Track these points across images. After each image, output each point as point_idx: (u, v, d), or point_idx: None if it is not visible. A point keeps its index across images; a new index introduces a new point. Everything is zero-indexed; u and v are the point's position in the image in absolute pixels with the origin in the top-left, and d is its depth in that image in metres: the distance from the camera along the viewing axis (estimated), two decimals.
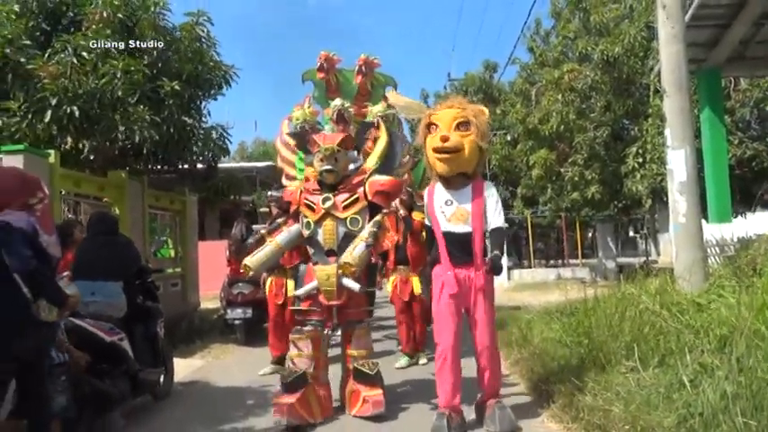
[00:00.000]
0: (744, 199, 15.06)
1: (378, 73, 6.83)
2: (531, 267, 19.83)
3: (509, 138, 18.48)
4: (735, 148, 12.78)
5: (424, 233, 4.69)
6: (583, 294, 7.19)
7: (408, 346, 6.33)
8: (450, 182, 4.04)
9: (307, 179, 5.02)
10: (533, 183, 15.65)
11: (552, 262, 22.80)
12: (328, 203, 4.49)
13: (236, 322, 7.56)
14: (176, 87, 7.30)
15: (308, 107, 5.85)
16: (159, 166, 8.69)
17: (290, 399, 4.16)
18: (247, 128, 67.77)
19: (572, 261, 21.77)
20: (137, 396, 4.37)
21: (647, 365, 3.93)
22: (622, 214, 15.84)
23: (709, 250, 8.50)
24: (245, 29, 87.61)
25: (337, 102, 5.90)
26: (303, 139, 5.09)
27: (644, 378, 3.72)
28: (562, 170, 14.11)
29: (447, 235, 3.95)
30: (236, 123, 23.53)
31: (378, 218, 4.49)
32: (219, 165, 9.81)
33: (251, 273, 4.63)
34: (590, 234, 25.14)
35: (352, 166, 4.87)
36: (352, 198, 4.53)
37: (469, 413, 4.08)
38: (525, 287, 15.39)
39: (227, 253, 8.12)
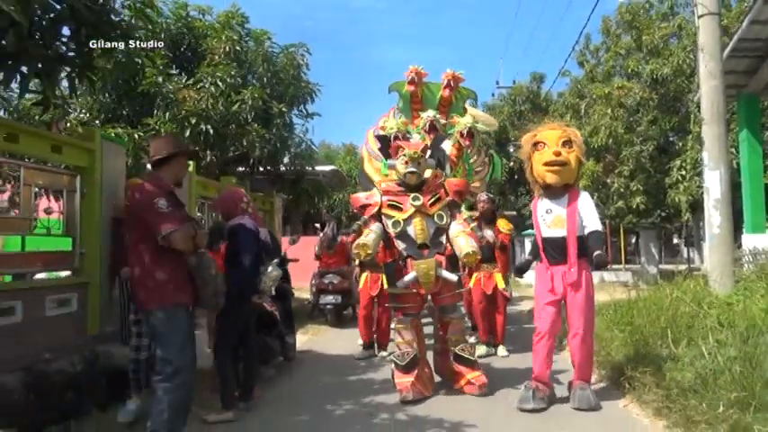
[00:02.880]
0: None
1: (461, 87, 7.18)
2: None
3: None
4: None
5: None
6: (626, 296, 8.33)
7: (486, 336, 6.74)
8: (554, 192, 4.68)
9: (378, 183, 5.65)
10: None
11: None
12: (418, 202, 4.98)
13: (328, 307, 8.96)
14: (283, 109, 8.74)
15: (400, 117, 6.73)
16: (259, 171, 10.15)
17: (409, 378, 4.85)
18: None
19: (615, 266, 22.53)
20: (281, 354, 5.76)
21: (677, 345, 5.07)
22: (665, 223, 16.64)
23: (744, 258, 9.52)
24: (294, 30, 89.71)
25: (430, 113, 6.40)
26: (388, 145, 5.66)
27: (674, 353, 4.86)
28: (608, 180, 15.05)
29: (546, 240, 4.64)
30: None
31: (470, 213, 5.29)
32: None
33: (369, 251, 4.87)
34: (633, 240, 25.81)
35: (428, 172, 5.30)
36: (436, 197, 5.09)
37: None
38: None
39: (317, 249, 9.50)
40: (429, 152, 5.38)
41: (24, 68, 3.75)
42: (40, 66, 3.88)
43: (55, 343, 4.92)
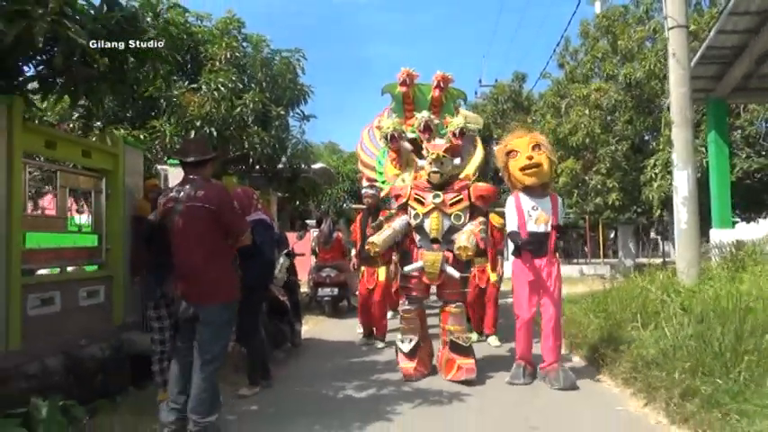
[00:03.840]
0: (754, 206, 16.71)
1: (450, 87, 7.45)
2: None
3: None
4: (743, 162, 14.47)
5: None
6: (602, 287, 9.01)
7: (476, 325, 7.23)
8: (534, 192, 5.22)
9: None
10: (559, 189, 17.30)
11: (576, 260, 24.42)
12: (438, 199, 5.38)
13: (326, 299, 9.52)
14: (281, 112, 9.26)
15: (395, 117, 7.14)
16: (256, 170, 10.66)
17: (412, 363, 5.43)
18: None
19: (594, 260, 23.40)
20: (291, 340, 6.32)
21: (646, 327, 5.71)
22: (640, 218, 17.43)
23: (711, 251, 10.27)
24: (272, 25, 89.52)
25: (424, 114, 6.72)
26: (393, 141, 6.24)
27: (642, 334, 5.51)
28: (586, 178, 15.77)
29: (531, 234, 5.14)
30: None
31: (483, 219, 5.57)
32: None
33: (377, 249, 5.29)
34: (612, 235, 26.72)
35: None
36: (457, 198, 5.42)
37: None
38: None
39: (313, 244, 10.05)
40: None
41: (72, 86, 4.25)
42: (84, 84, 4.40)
43: (87, 331, 5.43)
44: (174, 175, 7.71)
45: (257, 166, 10.47)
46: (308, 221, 17.23)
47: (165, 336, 4.63)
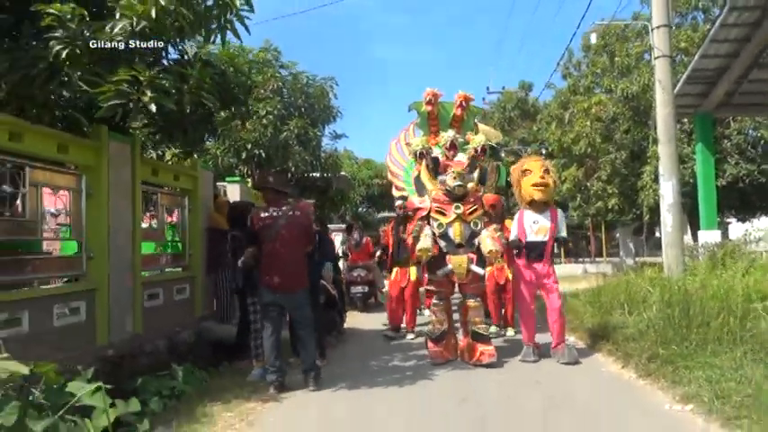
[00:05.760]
0: (746, 208, 17.96)
1: (470, 105, 7.97)
2: (561, 263, 22.77)
3: (544, 152, 21.45)
4: (733, 168, 15.73)
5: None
6: (602, 283, 10.31)
7: (496, 319, 7.99)
8: (537, 207, 6.32)
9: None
10: (563, 194, 18.53)
11: (580, 259, 25.66)
12: (458, 210, 6.24)
13: (357, 296, 10.87)
14: (318, 133, 10.65)
15: (422, 135, 7.85)
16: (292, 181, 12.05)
17: (439, 347, 6.31)
18: None
19: (598, 259, 24.65)
20: (338, 328, 7.66)
21: (631, 314, 7.00)
22: (638, 221, 18.72)
23: (699, 251, 11.53)
24: (278, 28, 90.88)
25: (450, 133, 7.23)
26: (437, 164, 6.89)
27: (628, 318, 6.80)
28: (588, 184, 17.04)
29: (530, 243, 6.25)
30: None
31: (496, 225, 6.56)
32: None
33: (429, 253, 6.13)
34: (618, 236, 27.95)
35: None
36: (474, 207, 6.33)
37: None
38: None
39: (344, 247, 11.41)
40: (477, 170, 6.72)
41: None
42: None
43: (179, 320, 6.79)
44: (230, 191, 9.13)
45: (293, 179, 11.86)
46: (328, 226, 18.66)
47: (257, 318, 5.92)
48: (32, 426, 2.52)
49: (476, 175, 6.82)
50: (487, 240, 6.12)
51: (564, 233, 6.51)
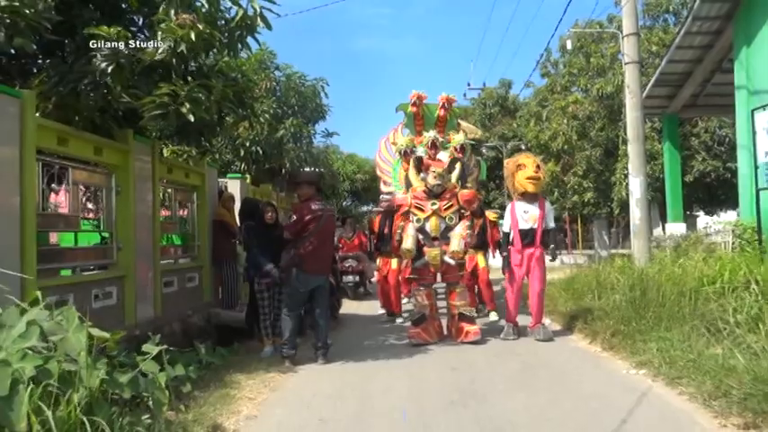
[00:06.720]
0: (712, 201, 18.99)
1: (453, 106, 8.53)
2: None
3: (523, 147, 22.27)
4: (699, 164, 16.70)
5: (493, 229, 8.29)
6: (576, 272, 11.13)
7: (472, 301, 8.20)
8: (528, 198, 7.03)
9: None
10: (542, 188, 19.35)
11: (558, 251, 26.54)
12: (435, 206, 6.92)
13: (349, 285, 11.55)
14: (312, 131, 11.30)
15: (408, 135, 8.58)
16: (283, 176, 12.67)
17: (417, 329, 6.85)
18: None
19: (574, 251, 25.60)
20: (335, 313, 8.34)
21: (600, 298, 7.78)
22: (611, 215, 19.66)
23: (666, 242, 12.42)
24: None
25: (431, 133, 7.73)
26: (405, 156, 7.65)
27: (597, 302, 7.59)
28: (565, 179, 17.90)
29: (522, 230, 6.97)
30: None
31: (468, 222, 7.40)
32: None
33: (412, 254, 6.89)
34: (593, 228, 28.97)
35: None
36: (449, 203, 6.98)
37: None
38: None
39: (336, 240, 12.04)
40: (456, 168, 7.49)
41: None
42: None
43: (189, 305, 7.43)
44: (231, 186, 9.74)
45: (287, 175, 12.49)
46: None
47: (266, 302, 6.62)
48: (119, 378, 3.17)
49: (455, 173, 7.49)
50: (454, 241, 6.82)
51: (552, 224, 7.24)
